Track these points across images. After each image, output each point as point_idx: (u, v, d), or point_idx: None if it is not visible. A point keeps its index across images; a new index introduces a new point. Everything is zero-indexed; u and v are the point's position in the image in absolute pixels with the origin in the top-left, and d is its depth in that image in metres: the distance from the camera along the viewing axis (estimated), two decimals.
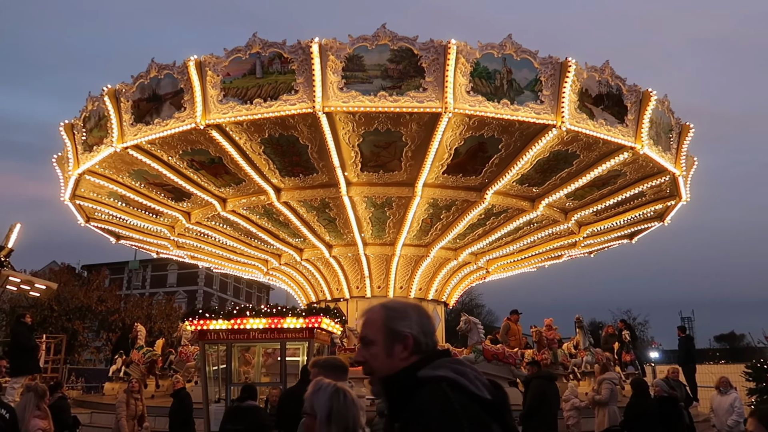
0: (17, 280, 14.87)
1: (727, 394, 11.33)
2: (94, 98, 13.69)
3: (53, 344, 20.73)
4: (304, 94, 11.23)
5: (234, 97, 11.55)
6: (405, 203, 14.73)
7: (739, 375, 14.52)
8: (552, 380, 10.10)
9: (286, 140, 12.46)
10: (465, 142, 12.58)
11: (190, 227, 16.86)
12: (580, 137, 12.54)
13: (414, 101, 11.28)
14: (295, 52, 11.30)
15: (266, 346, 11.11)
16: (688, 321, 66.26)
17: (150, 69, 12.35)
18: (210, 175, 14.07)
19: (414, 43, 11.31)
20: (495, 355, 13.75)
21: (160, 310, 37.69)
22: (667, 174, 14.48)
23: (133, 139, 12.70)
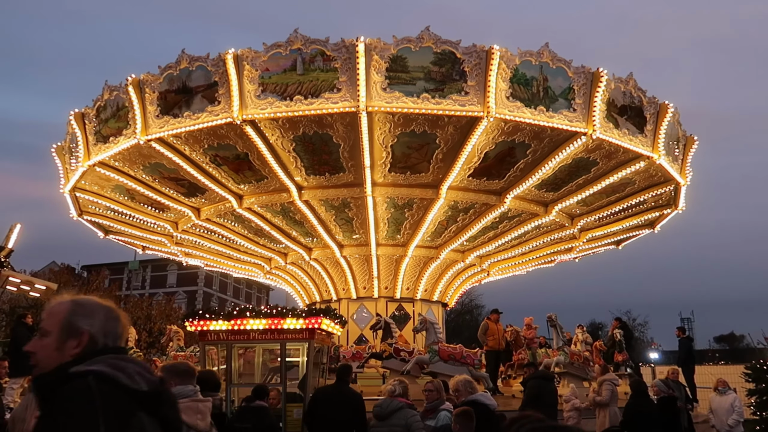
0: (17, 280, 14.78)
1: (725, 394, 11.40)
2: (112, 87, 13.19)
3: None
4: (347, 92, 11.16)
5: (273, 93, 11.36)
6: (426, 205, 14.83)
7: (738, 376, 14.64)
8: (548, 380, 10.11)
9: (320, 138, 12.35)
10: (496, 146, 12.75)
11: (199, 224, 16.49)
12: (604, 145, 12.93)
13: (456, 104, 11.37)
14: (338, 50, 11.22)
15: (265, 346, 11.10)
16: (687, 322, 66.33)
17: (180, 60, 11.99)
18: (231, 171, 13.79)
19: (457, 47, 11.40)
20: (451, 355, 13.66)
21: (159, 311, 37.85)
22: (672, 183, 15.03)
23: (158, 132, 12.30)
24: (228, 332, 10.19)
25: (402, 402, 6.49)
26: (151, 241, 19.42)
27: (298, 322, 10.11)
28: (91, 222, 17.83)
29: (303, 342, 10.31)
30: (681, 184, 15.08)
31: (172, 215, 16.90)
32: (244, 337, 10.24)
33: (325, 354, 11.63)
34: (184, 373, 3.95)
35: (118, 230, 18.69)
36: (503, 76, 11.47)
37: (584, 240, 18.36)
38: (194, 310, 11.42)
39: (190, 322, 10.31)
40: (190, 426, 3.50)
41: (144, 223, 17.58)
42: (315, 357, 10.48)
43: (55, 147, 15.79)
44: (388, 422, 6.33)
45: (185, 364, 4.22)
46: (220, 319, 10.21)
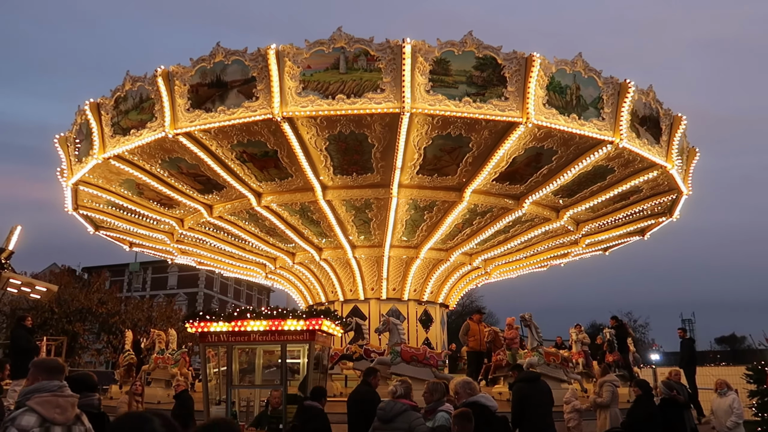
0: (18, 282, 14.72)
1: (725, 395, 11.36)
2: (135, 78, 12.76)
3: (54, 347, 20.63)
4: (390, 93, 11.16)
5: (314, 91, 11.27)
6: (447, 208, 14.92)
7: (740, 377, 14.66)
8: (533, 381, 9.59)
9: (354, 138, 12.26)
10: (525, 151, 12.93)
11: (211, 221, 16.13)
12: (624, 154, 13.28)
13: (496, 109, 11.52)
14: (383, 50, 11.21)
15: (266, 348, 11.10)
16: (688, 323, 66.33)
17: (215, 53, 11.71)
18: (256, 168, 13.54)
19: (498, 52, 11.55)
20: (414, 356, 13.64)
21: (160, 313, 37.67)
22: (675, 192, 15.59)
23: (188, 126, 11.98)
24: (228, 334, 10.18)
25: (406, 404, 6.39)
26: (144, 237, 18.87)
27: (299, 324, 10.12)
28: (83, 216, 17.27)
29: (303, 343, 10.32)
30: (684, 193, 15.55)
31: (179, 212, 16.53)
32: (245, 339, 10.23)
33: (326, 356, 11.66)
34: (53, 369, 4.11)
35: (111, 226, 18.08)
36: (541, 83, 11.68)
37: (584, 245, 18.73)
38: (195, 311, 11.40)
39: (191, 323, 10.32)
40: (46, 419, 3.66)
41: (144, 219, 17.11)
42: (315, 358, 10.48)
43: (58, 137, 15.24)
44: (391, 425, 6.21)
45: (55, 361, 4.35)
46: (220, 321, 10.22)
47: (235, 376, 10.23)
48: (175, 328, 24.13)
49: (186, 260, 21.49)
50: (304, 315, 10.48)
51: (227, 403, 9.85)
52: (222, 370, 10.67)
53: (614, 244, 20.14)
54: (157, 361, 16.58)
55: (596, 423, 11.33)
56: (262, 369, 11.43)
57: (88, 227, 18.03)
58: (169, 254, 20.68)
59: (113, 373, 20.11)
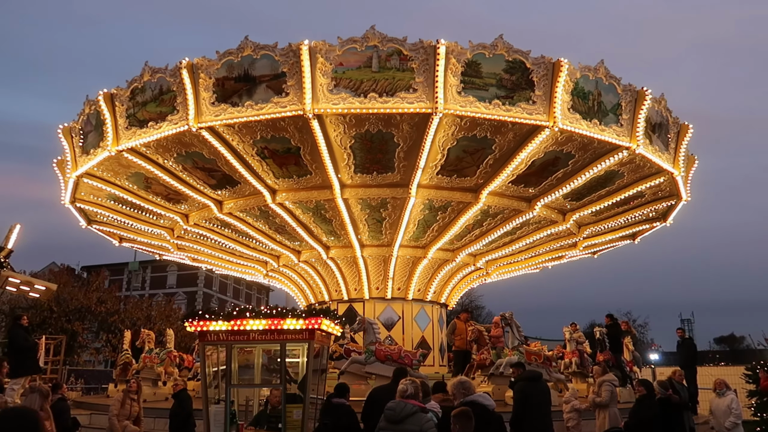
0: (17, 281, 14.70)
1: (724, 395, 11.34)
2: (154, 69, 12.37)
3: (53, 345, 20.56)
4: (423, 93, 11.19)
5: (346, 89, 11.21)
6: (462, 208, 15.05)
7: (739, 377, 14.71)
8: (536, 380, 9.64)
9: (381, 137, 12.24)
10: (545, 155, 13.11)
11: (221, 217, 15.81)
12: (636, 160, 13.60)
13: (524, 113, 11.66)
14: (416, 50, 11.23)
15: (266, 347, 11.05)
16: (687, 323, 66.37)
17: (244, 47, 11.51)
18: (275, 164, 13.37)
19: (527, 56, 11.69)
20: (388, 355, 13.64)
21: (159, 312, 37.69)
22: (675, 198, 15.98)
23: (213, 120, 11.72)
24: (228, 333, 10.12)
25: (416, 405, 6.19)
26: (141, 233, 18.42)
27: (298, 323, 10.06)
28: (78, 209, 16.84)
29: (303, 342, 10.27)
30: (683, 199, 15.90)
31: (185, 207, 16.19)
32: (244, 338, 10.14)
33: (325, 355, 11.61)
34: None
35: (106, 220, 17.63)
36: (566, 88, 11.86)
37: (581, 247, 19.09)
38: (194, 310, 11.37)
39: (190, 322, 10.27)
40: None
41: (145, 214, 16.76)
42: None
43: (62, 128, 14.75)
44: (401, 426, 5.97)
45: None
46: (219, 320, 10.15)
47: (234, 375, 10.19)
48: (174, 327, 24.11)
49: (179, 256, 20.93)
50: (304, 314, 10.47)
51: (226, 402, 9.81)
52: (220, 369, 10.67)
53: (605, 248, 20.55)
54: (145, 360, 16.86)
55: (595, 423, 11.40)
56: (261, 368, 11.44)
57: (81, 220, 17.60)
58: (164, 250, 20.29)
59: (112, 372, 20.12)
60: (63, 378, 21.57)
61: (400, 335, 17.78)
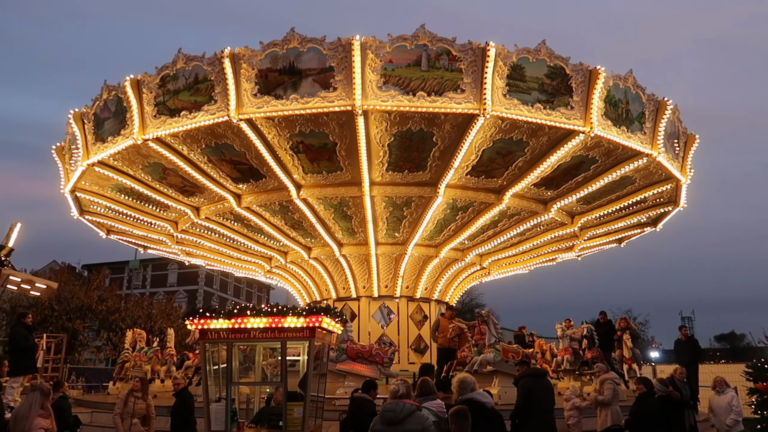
0: (17, 279, 14.70)
1: (724, 393, 11.33)
2: (189, 57, 11.97)
3: (53, 344, 20.43)
4: (470, 94, 11.28)
5: (395, 86, 11.22)
6: (482, 209, 15.27)
7: (739, 375, 14.70)
8: (540, 377, 9.66)
9: (421, 136, 12.28)
10: (571, 159, 13.46)
11: (238, 211, 15.45)
12: (651, 167, 14.11)
13: (563, 117, 11.95)
14: (465, 51, 11.30)
15: (267, 345, 11.05)
16: (688, 321, 66.41)
17: (290, 39, 11.32)
18: (307, 159, 13.21)
19: (567, 63, 11.98)
20: (360, 353, 13.61)
21: (160, 310, 37.93)
22: (671, 205, 16.49)
23: (254, 112, 11.44)
24: (228, 331, 10.11)
25: (413, 405, 6.06)
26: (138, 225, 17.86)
27: (299, 321, 10.05)
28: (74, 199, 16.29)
29: (303, 341, 10.26)
30: (681, 206, 16.27)
31: (199, 200, 15.72)
32: (245, 336, 10.14)
33: (326, 353, 11.62)
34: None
35: (101, 210, 17.06)
36: (601, 95, 12.20)
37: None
38: (195, 308, 11.37)
39: (191, 320, 10.26)
40: None
41: (150, 206, 16.39)
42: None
43: (72, 113, 14.17)
44: (401, 427, 5.80)
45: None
46: (220, 318, 10.15)
47: (235, 373, 10.18)
48: (174, 325, 24.13)
49: (174, 250, 20.35)
50: (304, 312, 10.47)
51: (227, 399, 9.81)
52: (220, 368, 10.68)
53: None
54: (136, 358, 17.07)
55: (597, 420, 11.41)
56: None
57: (74, 210, 16.98)
58: (159, 244, 19.71)
59: (113, 370, 20.18)
60: (64, 376, 21.64)
61: (396, 333, 18.00)
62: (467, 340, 14.92)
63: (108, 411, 13.27)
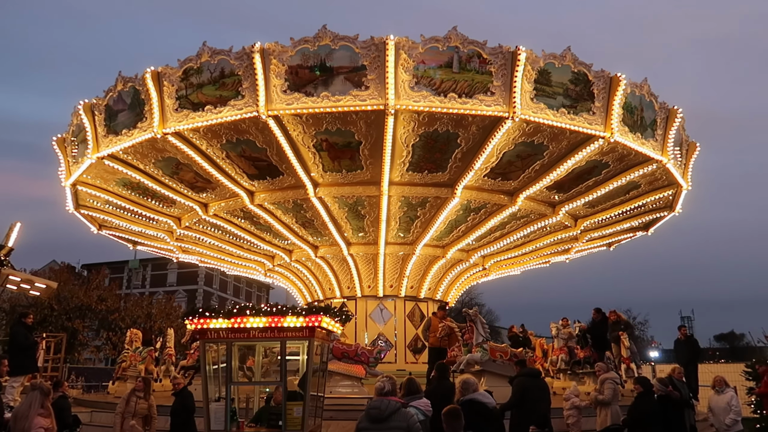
0: (17, 279, 14.75)
1: (723, 393, 11.34)
2: (214, 50, 11.68)
3: (53, 343, 20.42)
4: (500, 97, 11.39)
5: (426, 87, 11.24)
6: (495, 210, 15.46)
7: (739, 374, 14.65)
8: (535, 377, 9.94)
9: (447, 137, 12.32)
10: (586, 164, 13.70)
11: (250, 208, 15.19)
12: (657, 174, 14.43)
13: (585, 122, 12.20)
14: (495, 54, 11.41)
15: (267, 345, 11.03)
16: (688, 320, 66.43)
17: (321, 36, 11.22)
18: (329, 158, 13.07)
19: (590, 69, 12.21)
20: (345, 353, 13.56)
21: (160, 309, 37.78)
22: (667, 210, 16.82)
23: (284, 109, 11.28)
24: (228, 330, 10.09)
25: (398, 402, 6.16)
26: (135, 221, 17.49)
27: (299, 321, 10.04)
28: (73, 192, 15.86)
29: (303, 340, 10.25)
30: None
31: (209, 196, 15.39)
32: (244, 336, 10.13)
33: (326, 353, 11.60)
34: None
35: (97, 204, 16.68)
36: (620, 102, 12.44)
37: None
38: (194, 308, 11.36)
39: (191, 320, 10.25)
40: None
41: (154, 202, 16.01)
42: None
43: (82, 103, 13.73)
44: (386, 425, 5.87)
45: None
46: (220, 318, 10.13)
47: (234, 373, 10.17)
48: (174, 325, 24.10)
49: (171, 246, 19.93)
50: (304, 312, 10.47)
51: (227, 399, 9.80)
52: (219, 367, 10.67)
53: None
54: (131, 358, 16.88)
55: (596, 420, 11.41)
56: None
57: (70, 204, 16.61)
58: (157, 240, 19.38)
59: (113, 369, 20.19)
60: (64, 376, 21.58)
61: (393, 333, 18.10)
62: (457, 339, 14.89)
63: (107, 410, 13.00)
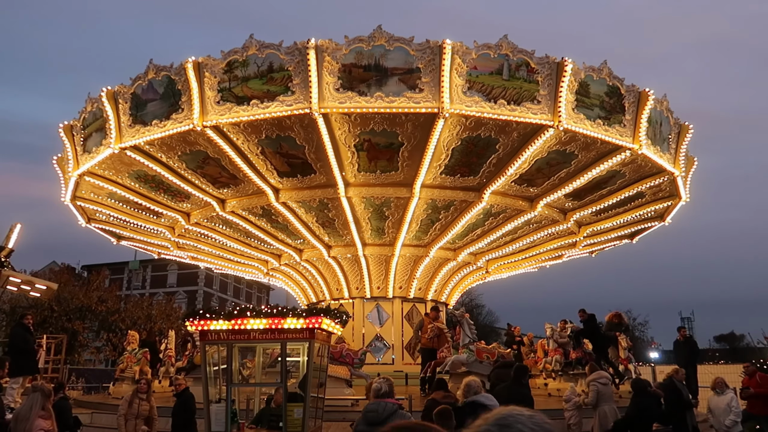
0: (17, 280, 14.75)
1: (723, 394, 11.33)
2: (263, 43, 11.41)
3: (53, 344, 20.30)
4: (545, 106, 11.65)
5: (478, 92, 11.39)
6: (512, 216, 15.79)
7: (738, 375, 14.59)
8: (509, 366, 9.97)
9: (487, 142, 12.51)
10: (606, 173, 14.15)
11: (275, 206, 14.85)
12: (664, 185, 14.87)
13: (617, 134, 12.68)
14: (542, 64, 11.64)
15: (267, 346, 11.03)
16: (688, 321, 66.49)
17: (377, 36, 11.17)
18: (367, 158, 12.98)
19: (622, 83, 12.67)
20: (330, 354, 13.51)
21: (160, 311, 37.75)
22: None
23: (336, 107, 11.17)
24: (228, 332, 10.10)
25: (395, 404, 6.06)
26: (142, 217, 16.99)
27: (299, 322, 10.06)
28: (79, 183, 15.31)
29: (303, 342, 10.27)
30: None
31: (229, 192, 14.95)
32: (245, 337, 10.14)
33: (325, 355, 11.61)
34: None
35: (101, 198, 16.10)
36: (647, 116, 12.96)
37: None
38: (194, 309, 11.36)
39: (191, 321, 10.25)
40: None
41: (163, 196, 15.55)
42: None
43: (105, 90, 12.98)
44: (383, 427, 5.72)
45: None
46: (220, 319, 10.13)
47: (235, 374, 10.18)
48: (174, 326, 24.10)
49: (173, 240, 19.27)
50: (304, 313, 10.48)
51: (227, 400, 9.82)
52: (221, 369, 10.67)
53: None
54: (127, 360, 16.92)
55: (592, 421, 11.38)
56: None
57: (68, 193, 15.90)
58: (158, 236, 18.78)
59: (113, 371, 20.19)
60: (64, 377, 21.52)
61: (391, 334, 18.13)
62: (447, 340, 14.91)
63: (108, 412, 12.99)
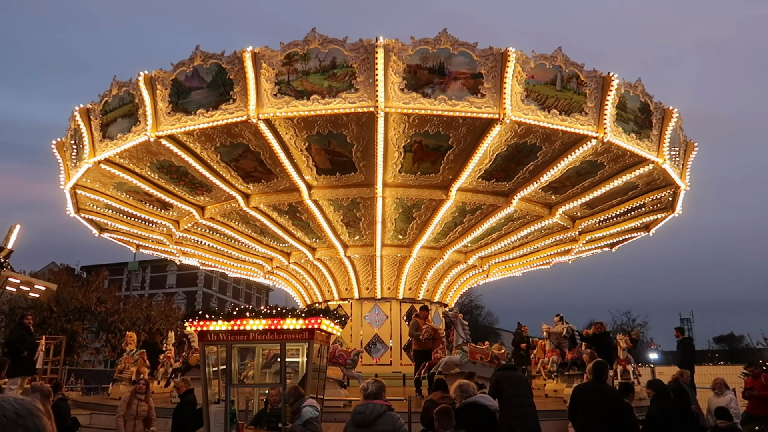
0: (17, 281, 14.75)
1: (723, 395, 11.33)
2: (326, 39, 11.20)
3: (53, 345, 20.51)
4: (591, 118, 12.12)
5: (534, 101, 11.67)
6: (530, 221, 16.23)
7: (738, 376, 14.61)
8: (511, 369, 10.09)
9: (530, 149, 12.80)
10: (624, 185, 14.77)
11: (307, 202, 14.62)
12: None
13: (646, 149, 13.31)
14: (590, 77, 12.10)
15: (266, 347, 11.03)
16: (687, 322, 66.45)
17: (442, 40, 11.21)
18: (411, 158, 13.07)
19: (651, 100, 13.35)
20: None
21: (159, 311, 37.71)
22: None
23: (401, 107, 11.16)
24: (228, 333, 10.10)
25: (383, 405, 6.10)
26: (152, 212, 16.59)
27: (298, 323, 10.06)
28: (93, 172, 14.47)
29: (303, 342, 10.28)
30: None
31: (256, 186, 14.56)
32: (244, 338, 10.14)
33: (324, 355, 11.61)
34: None
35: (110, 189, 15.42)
36: (669, 133, 13.69)
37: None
38: (194, 310, 11.33)
39: (190, 322, 10.24)
40: None
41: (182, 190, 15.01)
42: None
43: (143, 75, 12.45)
44: (372, 429, 5.81)
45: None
46: (219, 320, 10.13)
47: (234, 375, 10.16)
48: (173, 327, 24.08)
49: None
50: (303, 314, 10.46)
51: (227, 401, 9.81)
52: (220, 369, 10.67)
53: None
54: (125, 360, 16.87)
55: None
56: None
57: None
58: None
59: (113, 371, 20.18)
60: (63, 378, 21.42)
61: (389, 335, 18.19)
62: (441, 341, 14.83)
63: (107, 413, 12.95)
